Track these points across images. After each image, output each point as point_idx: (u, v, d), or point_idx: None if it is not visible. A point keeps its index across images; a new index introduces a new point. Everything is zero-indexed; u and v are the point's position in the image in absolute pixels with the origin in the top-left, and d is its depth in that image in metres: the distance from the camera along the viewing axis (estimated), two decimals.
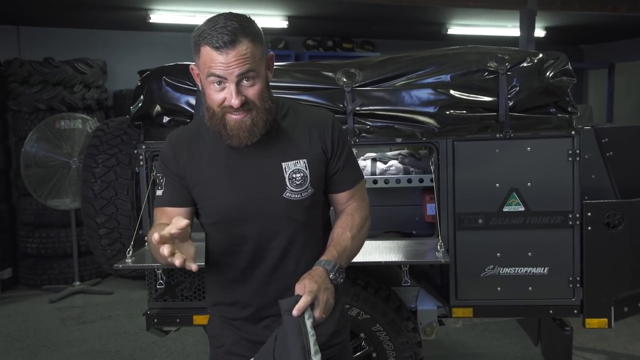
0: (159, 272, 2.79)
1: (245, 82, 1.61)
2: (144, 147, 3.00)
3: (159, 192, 1.79)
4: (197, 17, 6.32)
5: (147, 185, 3.02)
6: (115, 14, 6.34)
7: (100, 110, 6.59)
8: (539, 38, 6.67)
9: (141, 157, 3.00)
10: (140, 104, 3.04)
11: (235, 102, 1.59)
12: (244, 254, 1.78)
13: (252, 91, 1.62)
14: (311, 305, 1.56)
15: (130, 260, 2.75)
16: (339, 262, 1.66)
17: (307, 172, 1.73)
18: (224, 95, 1.61)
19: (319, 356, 1.51)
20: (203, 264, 1.87)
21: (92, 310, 5.50)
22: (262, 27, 1.69)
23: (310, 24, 7.36)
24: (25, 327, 5.10)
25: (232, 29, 1.57)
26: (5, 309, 5.62)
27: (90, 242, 3.31)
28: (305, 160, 1.74)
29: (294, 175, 1.72)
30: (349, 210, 1.83)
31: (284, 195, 1.72)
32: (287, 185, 1.72)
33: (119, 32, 7.23)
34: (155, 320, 3.02)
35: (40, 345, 4.67)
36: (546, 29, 7.78)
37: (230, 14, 1.63)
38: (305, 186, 1.73)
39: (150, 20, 6.38)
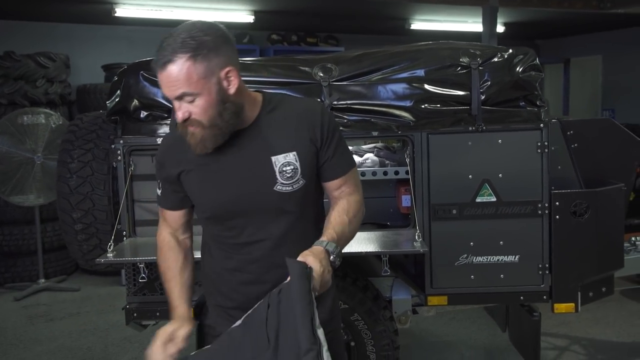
0: (142, 265, 2.79)
1: (186, 101, 1.64)
2: (121, 141, 3.00)
3: (158, 192, 1.93)
4: (162, 11, 6.26)
5: (125, 180, 3.02)
6: (79, 7, 6.24)
7: (63, 105, 6.48)
8: (498, 33, 6.84)
9: (119, 151, 3.00)
10: (117, 99, 3.03)
11: (178, 117, 1.66)
12: (239, 246, 1.83)
13: (195, 108, 1.64)
14: None
15: (112, 255, 2.75)
16: (339, 244, 1.68)
17: (298, 164, 1.76)
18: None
19: (321, 330, 1.51)
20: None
21: (59, 307, 5.42)
22: (226, 22, 1.69)
23: (276, 19, 7.38)
24: None
25: (171, 48, 1.59)
26: None
27: (66, 238, 3.28)
28: (295, 152, 1.76)
29: (284, 169, 1.75)
30: (343, 195, 1.85)
31: (274, 188, 1.76)
32: (277, 179, 1.75)
33: (82, 26, 7.12)
34: (135, 315, 3.02)
35: (7, 344, 4.59)
36: (505, 24, 7.99)
37: (190, 25, 1.64)
38: (296, 178, 1.76)
39: (116, 14, 6.31)
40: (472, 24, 7.57)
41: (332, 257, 1.64)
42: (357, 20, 7.64)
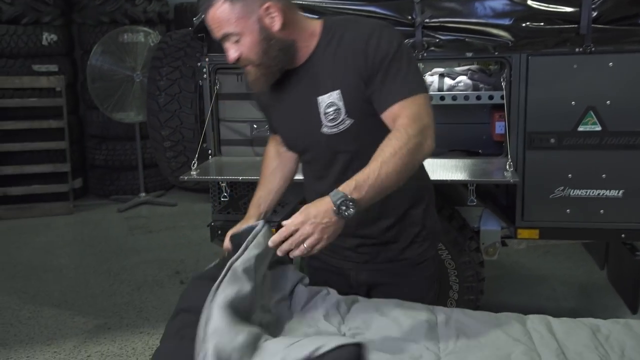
0: (224, 185, 2.81)
1: (231, 41, 1.62)
2: (207, 59, 2.97)
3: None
4: None
5: (210, 98, 3.01)
6: None
7: (161, 24, 6.55)
8: None
9: (204, 70, 2.98)
10: (203, 16, 2.97)
11: (228, 59, 1.64)
12: (314, 178, 1.84)
13: (242, 48, 1.62)
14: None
15: (195, 173, 2.78)
16: (354, 193, 1.45)
17: (341, 103, 1.64)
18: None
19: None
20: None
21: (157, 220, 5.70)
22: None
23: None
24: (96, 234, 5.35)
25: None
26: (79, 217, 5.91)
27: (156, 155, 3.37)
28: (338, 91, 1.64)
29: (327, 110, 1.66)
30: (392, 132, 1.57)
31: (321, 130, 1.69)
32: (321, 121, 1.68)
33: None
34: (219, 232, 3.07)
35: (110, 252, 4.89)
36: None
37: None
38: (340, 119, 1.66)
39: None
40: None
41: (334, 207, 1.43)
42: None
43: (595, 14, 2.65)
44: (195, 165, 2.84)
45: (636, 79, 2.70)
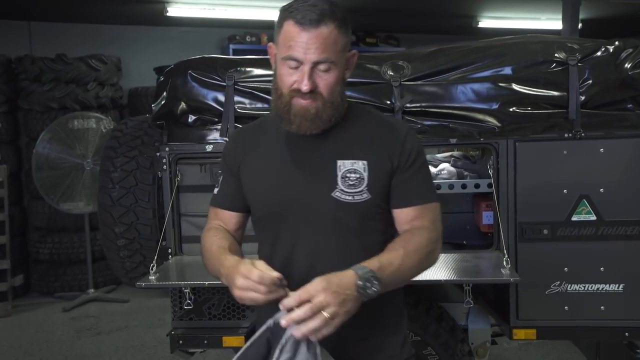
0: (187, 290, 2.48)
1: (320, 69, 1.52)
2: (167, 149, 2.71)
3: (215, 190, 1.78)
4: (216, 10, 6.01)
5: (170, 191, 2.72)
6: (130, 7, 6.07)
7: (114, 109, 6.35)
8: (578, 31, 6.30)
9: (164, 160, 2.71)
10: (163, 102, 2.74)
11: (305, 86, 1.50)
12: (288, 261, 1.61)
13: (324, 81, 1.53)
14: None
15: (154, 277, 2.45)
16: (378, 272, 1.41)
17: (365, 174, 1.58)
18: (296, 77, 1.52)
19: None
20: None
21: (107, 320, 5.23)
22: None
23: None
24: (37, 339, 4.84)
25: (321, 10, 1.50)
26: (18, 318, 5.37)
27: (108, 254, 3.02)
28: (365, 162, 1.59)
29: (347, 175, 1.58)
30: (411, 229, 1.60)
31: (332, 194, 1.57)
32: (337, 184, 1.57)
33: (134, 27, 6.93)
34: (181, 342, 2.71)
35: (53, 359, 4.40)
36: (583, 21, 7.42)
37: None
38: (360, 189, 1.57)
39: (167, 14, 6.10)
40: (547, 21, 7.02)
41: (359, 281, 1.37)
42: (419, 19, 7.24)
43: (583, 98, 2.53)
44: (155, 267, 2.52)
45: (629, 166, 2.56)
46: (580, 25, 7.40)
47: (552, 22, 6.03)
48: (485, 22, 7.29)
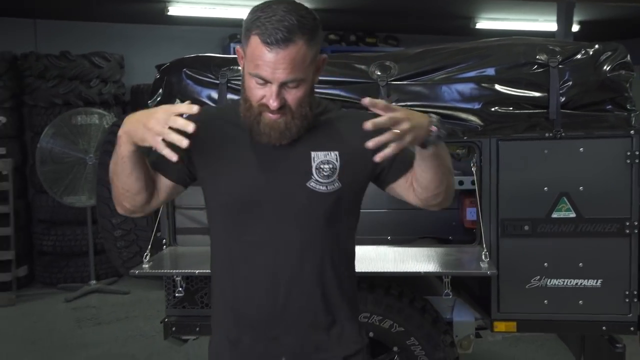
0: (178, 279, 2.59)
1: (289, 86, 1.49)
2: None
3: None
4: (217, 9, 6.10)
5: None
6: (133, 6, 6.17)
7: (117, 106, 6.45)
8: (572, 33, 6.36)
9: None
10: (158, 98, 2.84)
11: (273, 104, 1.48)
12: (253, 251, 1.61)
13: (292, 96, 1.50)
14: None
15: (147, 266, 2.56)
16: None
17: (338, 164, 1.60)
18: (264, 92, 1.49)
19: None
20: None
21: (108, 310, 5.34)
22: None
23: (334, 18, 7.13)
24: (39, 328, 4.96)
25: (289, 26, 1.43)
26: (21, 308, 5.49)
27: (106, 244, 3.13)
28: (337, 152, 1.60)
29: (322, 166, 1.59)
30: None
31: (307, 184, 1.59)
32: (312, 175, 1.59)
33: (136, 26, 7.04)
34: (174, 329, 2.82)
35: (54, 348, 4.52)
36: (580, 23, 7.48)
37: (292, 2, 1.49)
38: (332, 178, 1.59)
39: (169, 13, 6.20)
40: (544, 23, 7.09)
41: (433, 119, 1.46)
42: (419, 19, 7.31)
43: (563, 99, 2.61)
44: (148, 256, 2.62)
45: (607, 165, 2.64)
46: (578, 27, 7.48)
47: (549, 23, 6.09)
48: (483, 24, 7.35)
